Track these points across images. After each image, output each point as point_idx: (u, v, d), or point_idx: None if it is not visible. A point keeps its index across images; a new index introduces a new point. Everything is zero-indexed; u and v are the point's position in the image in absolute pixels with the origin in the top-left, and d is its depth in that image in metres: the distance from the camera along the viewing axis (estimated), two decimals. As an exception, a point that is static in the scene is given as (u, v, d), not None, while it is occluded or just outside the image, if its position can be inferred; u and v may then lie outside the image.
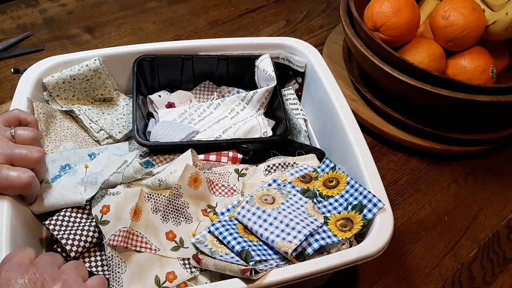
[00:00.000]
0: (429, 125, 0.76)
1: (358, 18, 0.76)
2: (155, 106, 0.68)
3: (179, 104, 0.69)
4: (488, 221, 0.71)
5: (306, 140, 0.67)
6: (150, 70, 0.68)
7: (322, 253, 0.50)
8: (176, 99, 0.70)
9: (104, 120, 0.64)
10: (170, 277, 0.49)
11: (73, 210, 0.51)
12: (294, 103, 0.71)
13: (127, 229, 0.49)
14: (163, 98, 0.69)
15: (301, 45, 0.71)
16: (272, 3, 1.09)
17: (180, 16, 1.02)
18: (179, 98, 0.70)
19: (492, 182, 0.77)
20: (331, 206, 0.55)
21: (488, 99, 0.68)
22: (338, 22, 1.03)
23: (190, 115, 0.67)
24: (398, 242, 0.67)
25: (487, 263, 0.66)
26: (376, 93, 0.81)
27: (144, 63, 0.66)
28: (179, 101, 0.70)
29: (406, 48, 0.77)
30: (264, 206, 0.53)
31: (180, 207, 0.54)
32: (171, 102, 0.69)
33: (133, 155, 0.57)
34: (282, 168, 0.60)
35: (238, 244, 0.48)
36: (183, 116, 0.67)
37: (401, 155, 0.79)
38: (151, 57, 0.66)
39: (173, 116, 0.67)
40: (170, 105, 0.69)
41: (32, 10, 0.97)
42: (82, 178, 0.53)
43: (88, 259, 0.50)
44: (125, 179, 0.53)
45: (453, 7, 0.73)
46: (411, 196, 0.74)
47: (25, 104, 0.57)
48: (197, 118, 0.67)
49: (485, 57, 0.75)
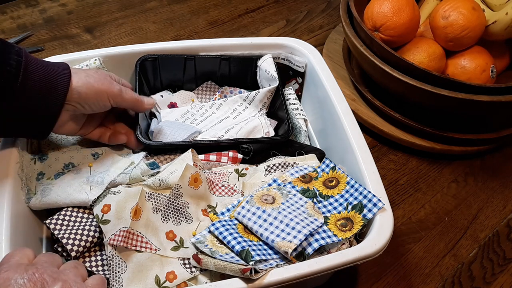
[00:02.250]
0: (429, 125, 0.76)
1: (358, 18, 0.76)
2: (158, 106, 0.68)
3: (181, 104, 0.70)
4: (488, 221, 0.71)
5: (306, 140, 0.67)
6: (153, 70, 0.68)
7: (322, 253, 0.50)
8: (178, 99, 0.70)
9: (104, 120, 0.64)
10: (170, 277, 0.49)
11: (73, 209, 0.51)
12: (294, 103, 0.71)
13: (127, 229, 0.49)
14: (165, 98, 0.69)
15: (301, 45, 0.71)
16: (272, 3, 1.09)
17: (180, 16, 1.02)
18: (181, 98, 0.70)
19: (492, 182, 0.77)
20: (331, 206, 0.55)
21: (488, 99, 0.68)
22: (338, 22, 1.03)
23: (193, 115, 0.67)
24: (398, 242, 0.67)
25: (487, 263, 0.66)
26: (376, 93, 0.81)
27: (146, 63, 0.66)
28: (181, 101, 0.70)
29: (406, 48, 0.77)
30: (264, 206, 0.53)
31: (180, 207, 0.54)
32: (173, 102, 0.69)
33: (140, 157, 0.57)
34: (282, 168, 0.60)
35: (238, 244, 0.48)
36: (186, 116, 0.67)
37: (401, 155, 0.79)
38: (153, 57, 0.66)
39: (175, 116, 0.67)
40: (172, 105, 0.69)
41: (32, 10, 0.97)
42: (87, 177, 0.53)
43: (88, 259, 0.50)
44: (132, 180, 0.54)
45: (453, 7, 0.73)
46: (411, 196, 0.74)
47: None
48: (199, 118, 0.67)
49: (485, 57, 0.75)
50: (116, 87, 0.53)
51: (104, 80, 0.52)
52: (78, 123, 0.54)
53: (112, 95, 0.52)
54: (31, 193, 0.52)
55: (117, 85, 0.53)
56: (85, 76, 0.50)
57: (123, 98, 0.54)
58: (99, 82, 0.51)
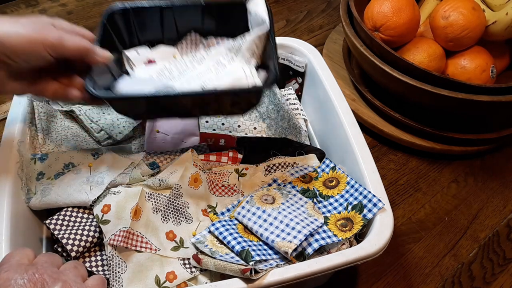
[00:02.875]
0: (429, 125, 0.76)
1: (358, 18, 0.76)
2: (132, 63, 0.59)
3: (161, 61, 0.60)
4: (488, 221, 0.71)
5: (306, 140, 0.67)
6: (126, 26, 0.59)
7: (322, 253, 0.50)
8: (158, 56, 0.60)
9: (105, 120, 0.64)
10: (170, 277, 0.49)
11: (73, 210, 0.52)
12: (294, 103, 0.71)
13: (127, 229, 0.49)
14: (142, 54, 0.60)
15: (301, 45, 0.71)
16: (272, 3, 1.09)
17: (180, 16, 1.02)
18: (161, 54, 0.60)
19: (492, 182, 0.77)
20: (331, 206, 0.55)
21: (488, 99, 0.68)
22: (338, 22, 1.03)
23: (170, 72, 0.58)
24: (398, 242, 0.67)
25: (487, 263, 0.66)
26: (376, 93, 0.81)
27: (116, 16, 0.57)
28: (161, 58, 0.60)
29: (406, 48, 0.77)
30: (264, 206, 0.53)
31: (180, 207, 0.54)
32: (151, 59, 0.60)
33: (140, 157, 0.56)
34: (282, 168, 0.60)
35: (238, 244, 0.48)
36: (162, 73, 0.58)
37: (401, 155, 0.79)
38: (124, 9, 0.57)
39: (149, 73, 0.57)
40: (150, 62, 0.60)
41: (32, 10, 0.97)
42: (87, 177, 0.53)
43: (88, 259, 0.50)
44: (132, 180, 0.54)
45: (453, 7, 0.73)
46: (411, 196, 0.74)
47: (25, 104, 0.57)
48: (177, 75, 0.57)
49: (485, 57, 0.75)
50: (54, 34, 0.45)
51: (39, 27, 0.44)
52: (22, 81, 0.47)
53: (50, 45, 0.44)
54: (31, 193, 0.52)
55: (55, 32, 0.45)
56: (11, 23, 0.43)
57: (64, 46, 0.45)
58: (31, 30, 0.43)
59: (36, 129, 0.58)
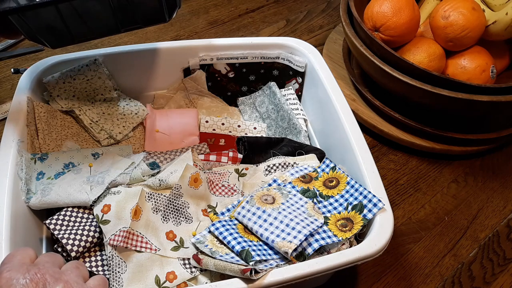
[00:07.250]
0: (429, 125, 0.76)
1: (358, 18, 0.76)
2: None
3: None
4: (488, 221, 0.71)
5: (306, 140, 0.67)
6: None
7: (322, 253, 0.50)
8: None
9: (105, 120, 0.64)
10: (170, 277, 0.49)
11: (73, 210, 0.51)
12: (294, 103, 0.71)
13: (127, 229, 0.49)
14: None
15: (301, 45, 0.71)
16: (272, 3, 1.09)
17: (180, 16, 1.02)
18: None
19: (492, 182, 0.77)
20: (331, 206, 0.55)
21: (488, 99, 0.68)
22: (338, 22, 1.03)
23: None
24: (398, 242, 0.67)
25: (487, 263, 0.66)
26: (376, 93, 0.81)
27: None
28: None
29: (406, 48, 0.77)
30: (264, 206, 0.53)
31: (180, 207, 0.54)
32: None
33: (140, 157, 0.56)
34: (282, 168, 0.60)
35: (238, 244, 0.48)
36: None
37: (401, 155, 0.80)
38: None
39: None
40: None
41: (32, 10, 0.97)
42: (88, 177, 0.53)
43: (88, 259, 0.50)
44: (132, 180, 0.54)
45: (453, 7, 0.73)
46: (411, 196, 0.74)
47: (25, 104, 0.57)
48: None
49: (485, 57, 0.75)
50: None
51: None
52: None
53: None
54: (31, 192, 0.52)
55: None
56: None
57: None
58: None
59: (36, 129, 0.58)
